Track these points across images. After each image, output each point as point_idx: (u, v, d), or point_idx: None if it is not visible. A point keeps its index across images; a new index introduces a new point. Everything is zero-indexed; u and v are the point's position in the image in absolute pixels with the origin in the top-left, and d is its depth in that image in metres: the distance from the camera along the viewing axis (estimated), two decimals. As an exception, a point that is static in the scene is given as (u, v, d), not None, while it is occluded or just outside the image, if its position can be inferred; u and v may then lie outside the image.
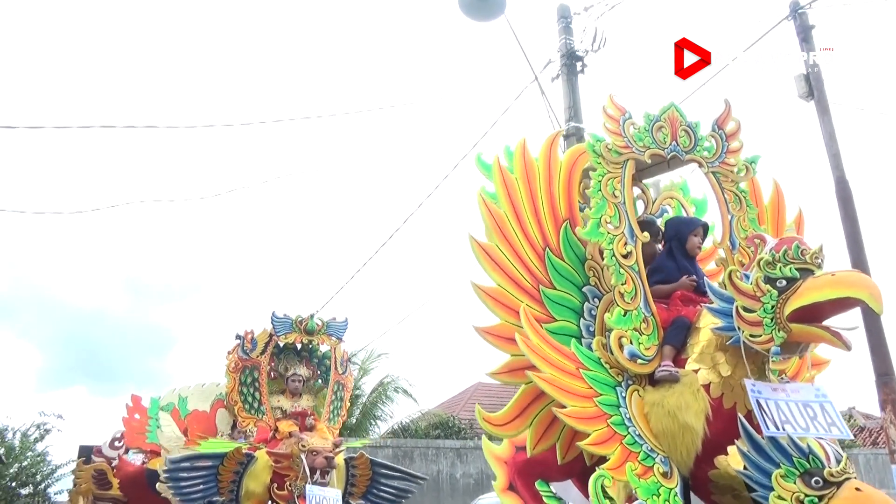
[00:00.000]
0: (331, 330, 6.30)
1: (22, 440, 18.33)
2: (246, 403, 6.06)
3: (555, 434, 2.62)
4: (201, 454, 5.60)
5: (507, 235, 2.70)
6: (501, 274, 2.64)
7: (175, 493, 5.45)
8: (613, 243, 2.71)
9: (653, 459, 2.43)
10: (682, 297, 2.83)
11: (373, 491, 6.08)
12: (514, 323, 2.56)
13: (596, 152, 2.83)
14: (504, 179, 2.76)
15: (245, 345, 6.17)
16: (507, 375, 2.61)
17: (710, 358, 2.54)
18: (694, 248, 3.00)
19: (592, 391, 2.49)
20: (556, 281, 2.72)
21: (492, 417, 2.60)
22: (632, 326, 2.63)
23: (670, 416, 2.46)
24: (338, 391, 6.48)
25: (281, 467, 5.48)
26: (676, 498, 2.38)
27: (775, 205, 3.27)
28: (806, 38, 7.46)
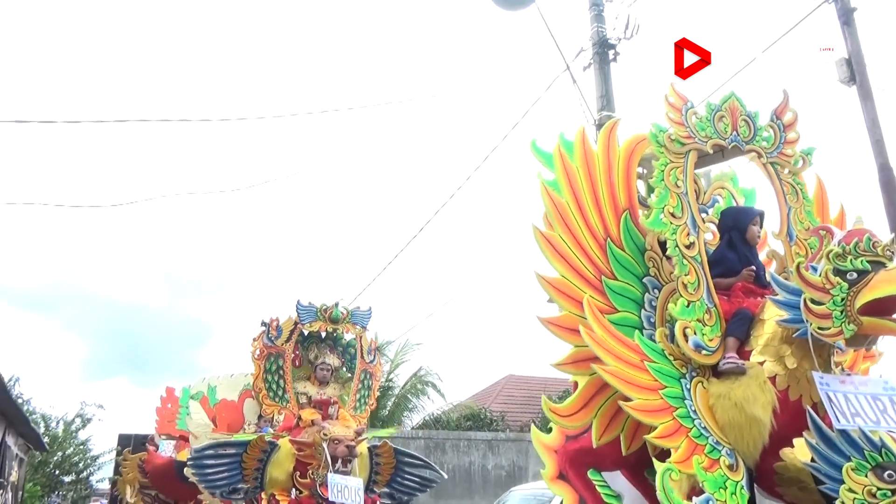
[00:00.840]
0: (355, 318, 6.31)
1: (65, 429, 18.86)
2: (270, 391, 6.09)
3: (619, 425, 2.62)
4: (225, 442, 5.66)
5: (570, 225, 2.68)
6: (564, 264, 2.62)
7: (200, 480, 5.52)
8: (677, 234, 2.69)
9: (719, 452, 2.41)
10: (744, 288, 2.81)
11: (397, 479, 6.09)
12: (578, 314, 2.55)
13: (659, 142, 2.80)
14: (565, 168, 2.74)
15: (270, 332, 6.17)
16: (571, 366, 2.60)
17: (775, 350, 2.52)
18: (754, 237, 2.98)
19: (657, 383, 2.47)
20: (617, 272, 2.70)
21: (558, 408, 2.60)
22: (695, 317, 2.61)
23: (737, 408, 2.44)
24: (364, 379, 6.48)
25: (303, 455, 5.50)
26: (743, 491, 2.36)
27: (819, 200, 3.22)
28: (847, 21, 7.27)
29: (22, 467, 7.96)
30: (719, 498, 2.31)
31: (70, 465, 19.24)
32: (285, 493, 5.62)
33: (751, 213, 3.06)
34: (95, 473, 20.12)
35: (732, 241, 2.96)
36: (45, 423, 18.32)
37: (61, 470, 19.08)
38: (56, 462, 18.82)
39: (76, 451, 19.24)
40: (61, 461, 18.92)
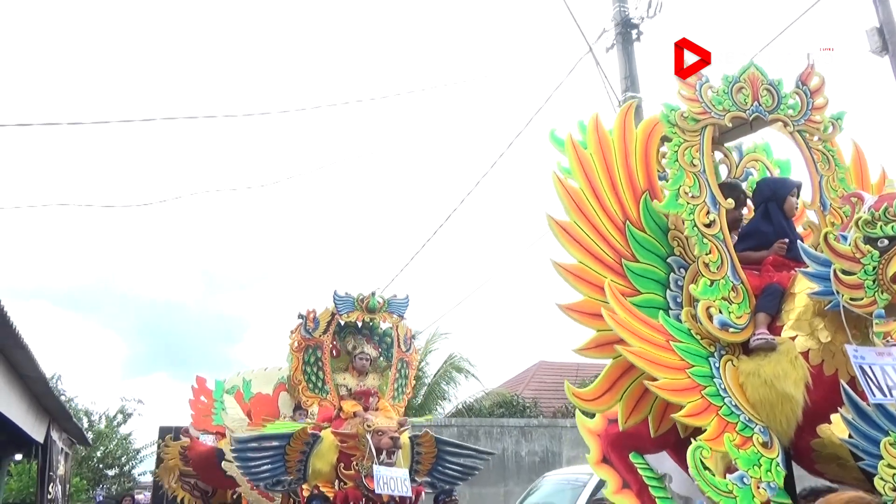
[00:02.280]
0: (392, 307, 6.28)
1: (107, 424, 19.40)
2: (310, 382, 6.07)
3: (646, 407, 2.59)
4: (268, 434, 5.70)
5: (585, 211, 2.66)
6: (582, 250, 2.61)
7: (244, 472, 5.59)
8: (694, 213, 2.64)
9: (751, 430, 2.37)
10: (774, 262, 2.74)
11: (438, 468, 6.08)
12: (598, 298, 2.53)
13: (670, 122, 2.76)
14: (578, 154, 2.73)
15: (307, 324, 6.16)
16: (594, 351, 2.58)
17: (807, 324, 2.45)
18: (792, 209, 2.90)
19: (684, 363, 2.44)
20: (638, 254, 2.67)
21: (582, 393, 2.59)
22: (720, 296, 2.56)
23: (767, 385, 2.38)
24: (402, 369, 6.48)
25: (347, 447, 5.51)
26: (778, 468, 2.32)
27: (857, 166, 3.10)
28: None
29: (68, 461, 8.22)
30: (753, 475, 2.27)
31: (113, 459, 19.80)
32: (329, 485, 5.67)
33: (789, 184, 2.98)
34: (137, 466, 20.69)
35: (769, 212, 2.88)
36: (88, 419, 18.87)
37: (105, 464, 19.66)
38: (100, 457, 19.40)
39: (119, 445, 19.78)
40: (104, 455, 19.48)
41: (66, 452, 7.89)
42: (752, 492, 2.24)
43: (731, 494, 2.23)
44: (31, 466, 12.68)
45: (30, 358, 4.23)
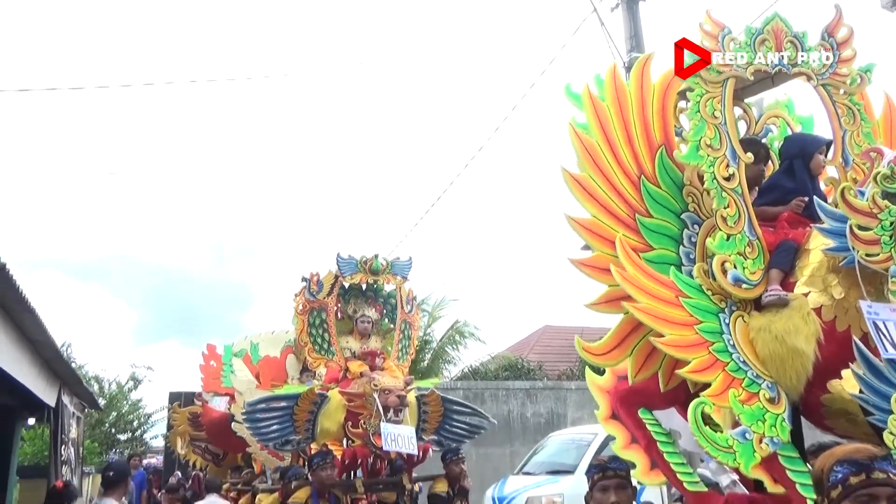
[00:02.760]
0: (395, 269, 6.32)
1: (118, 389, 19.73)
2: (315, 344, 6.16)
3: (656, 363, 2.59)
4: (276, 396, 5.80)
5: (600, 165, 2.62)
6: (595, 205, 2.57)
7: (253, 432, 5.71)
8: (714, 166, 2.60)
9: (758, 385, 2.36)
10: (790, 218, 2.71)
11: (445, 427, 6.19)
12: (610, 254, 2.51)
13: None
14: (595, 107, 2.67)
15: (311, 287, 6.24)
16: (605, 306, 2.56)
17: (821, 280, 2.43)
18: (819, 167, 2.84)
19: (693, 318, 2.43)
20: (652, 209, 2.63)
21: (591, 347, 2.58)
22: (735, 251, 2.54)
23: (778, 340, 2.37)
24: (405, 330, 6.53)
25: (354, 406, 5.61)
26: (783, 423, 2.32)
27: (888, 120, 3.04)
28: (893, -61, 6.81)
29: (80, 425, 8.36)
30: (756, 430, 2.28)
31: (125, 424, 20.18)
32: (337, 443, 5.79)
33: (818, 142, 2.91)
34: (149, 431, 21.09)
35: (793, 168, 2.83)
36: (99, 385, 19.17)
37: (117, 428, 20.04)
38: (112, 421, 19.77)
39: (130, 410, 20.14)
40: (117, 420, 19.85)
41: (77, 416, 8.02)
42: (752, 447, 2.25)
43: (731, 450, 2.24)
44: (44, 431, 12.92)
45: (38, 322, 4.25)
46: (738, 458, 2.21)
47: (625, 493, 2.63)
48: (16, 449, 8.06)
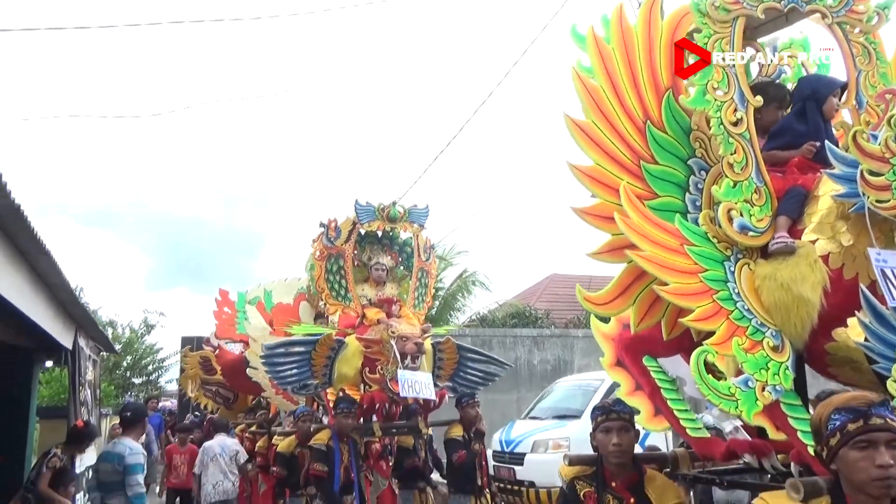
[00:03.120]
0: (413, 216, 6.30)
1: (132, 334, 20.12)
2: (333, 291, 6.17)
3: (659, 311, 2.57)
4: (295, 340, 5.86)
5: (605, 110, 2.55)
6: (599, 151, 2.51)
7: (272, 376, 5.78)
8: (721, 111, 2.52)
9: (762, 333, 2.34)
10: (800, 164, 2.64)
11: (459, 374, 6.28)
12: (614, 201, 2.47)
13: (701, 11, 2.59)
14: (600, 50, 2.59)
15: (329, 233, 6.21)
16: (608, 255, 2.53)
17: (829, 227, 2.37)
18: (831, 111, 2.76)
19: (697, 266, 2.39)
20: (658, 155, 2.57)
21: (593, 297, 2.56)
22: (742, 198, 2.48)
23: (784, 288, 2.34)
24: (422, 278, 6.53)
25: (371, 352, 5.68)
26: (787, 371, 2.31)
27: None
28: None
29: (96, 368, 8.55)
30: (759, 378, 2.27)
31: (140, 368, 20.64)
32: (354, 388, 5.85)
33: (833, 84, 2.81)
34: (164, 375, 21.60)
35: (805, 111, 2.75)
36: (113, 330, 19.55)
37: (132, 372, 20.52)
38: (128, 365, 20.23)
39: (146, 353, 20.57)
40: (133, 364, 20.32)
41: (93, 359, 8.19)
42: (755, 395, 2.25)
43: (733, 397, 2.23)
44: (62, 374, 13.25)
45: (53, 264, 4.27)
46: (740, 406, 2.21)
47: (627, 435, 2.64)
48: (35, 390, 8.29)
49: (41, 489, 5.04)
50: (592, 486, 2.66)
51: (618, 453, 2.61)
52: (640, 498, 2.57)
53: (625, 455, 2.63)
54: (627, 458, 2.65)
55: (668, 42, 2.68)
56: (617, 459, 2.62)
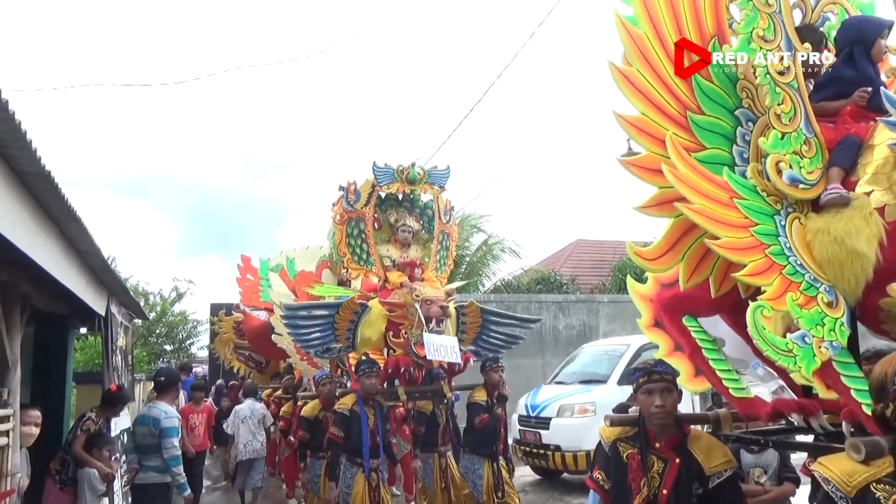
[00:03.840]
0: (433, 178, 6.19)
1: (163, 302, 20.50)
2: (354, 255, 6.09)
3: (708, 267, 2.50)
4: (318, 304, 5.84)
5: (650, 59, 2.44)
6: (645, 101, 2.41)
7: (295, 338, 5.75)
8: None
9: (816, 289, 2.27)
10: (852, 112, 2.52)
11: (483, 337, 6.23)
12: (661, 153, 2.38)
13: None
14: None
15: (348, 196, 6.11)
16: (655, 209, 2.44)
17: (885, 178, 2.27)
18: (880, 53, 2.64)
19: (748, 220, 2.31)
20: (704, 105, 2.47)
21: (643, 252, 2.49)
22: (791, 150, 2.39)
23: (837, 242, 2.26)
24: (443, 241, 6.45)
25: (395, 316, 5.64)
26: (842, 327, 2.24)
27: None
28: None
29: (128, 334, 8.69)
30: (815, 334, 2.20)
31: (172, 336, 21.07)
32: (378, 352, 5.82)
33: (881, 25, 2.68)
34: (195, 343, 22.03)
35: (853, 56, 2.62)
36: (145, 298, 19.91)
37: (164, 339, 20.95)
38: (160, 332, 20.64)
39: (177, 322, 20.95)
40: (167, 332, 20.73)
41: (125, 326, 8.32)
42: (812, 351, 2.18)
43: (791, 353, 2.17)
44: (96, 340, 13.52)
45: (84, 231, 4.28)
46: (799, 363, 2.14)
47: (671, 396, 2.57)
48: (71, 356, 8.47)
49: (75, 451, 5.15)
50: (635, 447, 2.61)
51: (661, 415, 2.55)
52: (686, 458, 2.51)
53: (668, 416, 2.56)
54: (670, 420, 2.58)
55: None
56: (660, 420, 2.56)
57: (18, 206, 3.35)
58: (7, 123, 2.74)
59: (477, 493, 5.77)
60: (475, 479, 5.83)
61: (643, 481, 2.52)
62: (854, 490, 1.83)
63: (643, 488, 2.51)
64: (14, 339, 4.49)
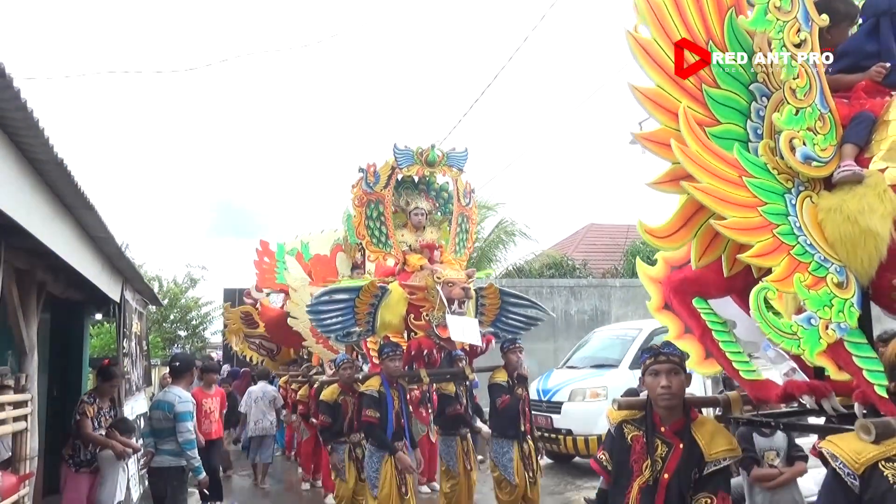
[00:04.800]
0: (451, 161, 6.14)
1: (175, 288, 20.69)
2: (373, 237, 6.06)
3: (721, 245, 2.45)
4: (338, 288, 5.82)
5: (667, 29, 2.36)
6: (661, 73, 2.33)
7: (316, 324, 5.75)
8: (784, 31, 2.33)
9: (825, 269, 2.22)
10: (867, 87, 2.45)
11: (501, 319, 6.23)
12: (675, 127, 2.31)
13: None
14: None
15: (368, 178, 6.07)
16: (668, 185, 2.38)
17: (901, 154, 2.22)
18: None
19: (757, 200, 2.26)
20: (720, 78, 2.39)
21: (654, 229, 2.43)
22: (805, 126, 2.32)
23: (850, 221, 2.20)
24: (462, 223, 6.40)
25: (416, 299, 5.62)
26: (852, 308, 2.20)
27: None
28: None
29: (142, 320, 8.79)
30: (823, 316, 2.16)
31: (186, 321, 21.27)
32: (399, 335, 5.82)
33: None
34: (208, 328, 22.24)
35: (880, 28, 2.53)
36: (159, 284, 20.10)
37: (178, 325, 21.17)
38: (174, 318, 20.86)
39: (190, 308, 21.16)
40: (180, 318, 20.94)
41: (139, 312, 8.41)
42: (818, 333, 2.14)
43: (795, 336, 2.13)
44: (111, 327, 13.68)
45: (98, 218, 4.33)
46: (803, 345, 2.11)
47: (677, 378, 2.54)
48: (87, 341, 8.58)
49: (84, 434, 5.24)
50: (641, 430, 2.59)
51: (667, 396, 2.52)
52: (689, 443, 2.49)
53: (674, 398, 2.54)
54: (676, 402, 2.56)
55: None
56: (665, 402, 2.54)
57: (34, 194, 3.38)
58: (20, 112, 2.75)
59: (509, 475, 5.74)
60: (506, 461, 5.80)
61: (645, 464, 2.51)
62: (862, 467, 1.81)
63: (645, 471, 2.50)
64: (31, 325, 4.55)
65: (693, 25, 2.38)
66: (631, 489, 2.50)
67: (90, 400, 5.40)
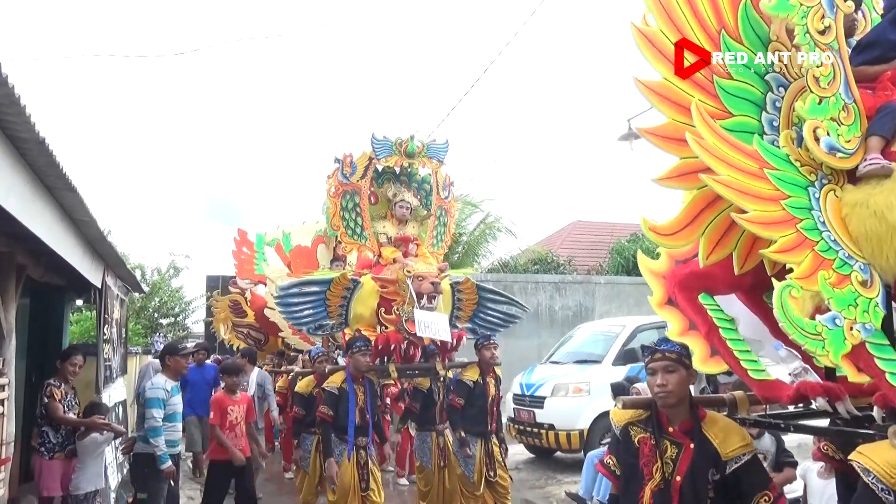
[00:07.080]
0: (431, 152, 5.98)
1: (159, 277, 20.36)
2: (349, 229, 5.92)
3: (731, 242, 2.35)
4: (309, 280, 5.67)
5: (674, 18, 2.25)
6: (668, 65, 2.23)
7: (286, 316, 5.63)
8: (808, 17, 2.23)
9: (850, 267, 2.12)
10: (893, 78, 2.36)
11: (479, 315, 6.07)
12: (684, 121, 2.20)
13: None
14: None
15: (344, 168, 5.92)
16: (676, 180, 2.27)
17: (930, 146, 2.13)
18: None
19: (779, 192, 2.15)
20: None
21: (659, 227, 2.33)
22: (829, 116, 2.22)
23: (877, 216, 2.10)
24: (441, 216, 6.28)
25: (387, 292, 5.52)
26: (877, 308, 2.10)
27: None
28: None
29: (123, 307, 8.57)
30: (848, 316, 2.06)
31: (167, 309, 20.96)
32: (370, 329, 5.70)
33: None
34: (190, 317, 21.94)
35: None
36: (142, 273, 19.76)
37: (160, 313, 20.85)
38: (155, 306, 20.54)
39: (172, 297, 20.85)
40: (160, 305, 20.62)
41: (121, 298, 8.19)
42: (843, 333, 2.04)
43: (819, 337, 2.02)
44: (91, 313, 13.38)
45: (80, 200, 4.16)
46: (828, 346, 2.00)
47: (674, 375, 2.42)
48: (67, 327, 8.35)
49: (58, 417, 5.14)
50: (648, 431, 2.48)
51: (663, 394, 2.41)
52: (701, 443, 2.38)
53: (670, 396, 2.42)
54: (675, 400, 2.43)
55: None
56: (662, 401, 2.42)
57: (13, 174, 3.23)
58: (2, 88, 2.62)
59: (468, 471, 5.61)
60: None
61: (655, 467, 2.39)
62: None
63: (655, 474, 2.39)
64: (9, 308, 4.39)
65: (704, 14, 2.26)
66: (643, 493, 2.39)
67: (56, 383, 5.27)
